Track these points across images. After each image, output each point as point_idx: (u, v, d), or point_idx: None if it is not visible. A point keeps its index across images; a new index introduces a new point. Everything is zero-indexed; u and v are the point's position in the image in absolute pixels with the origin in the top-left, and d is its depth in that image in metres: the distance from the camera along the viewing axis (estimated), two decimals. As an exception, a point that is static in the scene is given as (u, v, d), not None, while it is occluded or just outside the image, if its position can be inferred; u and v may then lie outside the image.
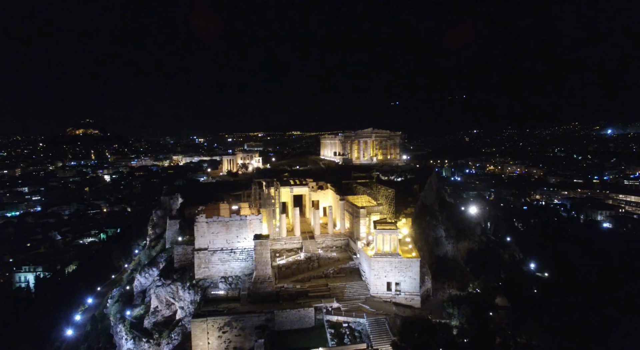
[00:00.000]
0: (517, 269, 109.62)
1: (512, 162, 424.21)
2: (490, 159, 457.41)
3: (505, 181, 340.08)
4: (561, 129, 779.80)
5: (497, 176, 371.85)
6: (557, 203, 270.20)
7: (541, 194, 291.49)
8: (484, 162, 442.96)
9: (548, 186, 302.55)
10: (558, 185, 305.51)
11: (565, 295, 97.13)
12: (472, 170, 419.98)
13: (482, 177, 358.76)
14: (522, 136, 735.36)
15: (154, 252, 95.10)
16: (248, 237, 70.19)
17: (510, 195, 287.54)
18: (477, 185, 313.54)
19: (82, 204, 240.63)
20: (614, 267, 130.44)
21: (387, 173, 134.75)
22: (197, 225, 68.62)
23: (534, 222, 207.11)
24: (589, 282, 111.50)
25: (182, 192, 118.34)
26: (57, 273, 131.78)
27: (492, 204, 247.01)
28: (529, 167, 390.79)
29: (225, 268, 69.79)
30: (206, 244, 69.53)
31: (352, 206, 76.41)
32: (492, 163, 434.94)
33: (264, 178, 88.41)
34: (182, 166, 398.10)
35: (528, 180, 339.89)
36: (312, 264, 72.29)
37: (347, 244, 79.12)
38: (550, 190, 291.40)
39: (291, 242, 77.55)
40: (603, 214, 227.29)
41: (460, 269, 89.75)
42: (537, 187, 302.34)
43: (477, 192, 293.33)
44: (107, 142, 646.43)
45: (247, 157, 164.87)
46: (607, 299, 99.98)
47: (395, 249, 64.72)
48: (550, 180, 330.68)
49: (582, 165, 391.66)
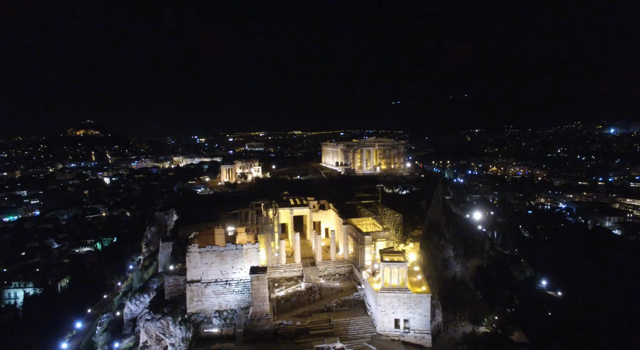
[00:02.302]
0: (529, 289, 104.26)
1: (515, 162, 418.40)
2: (493, 159, 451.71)
3: (509, 183, 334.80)
4: (563, 129, 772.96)
5: (500, 178, 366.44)
6: (562, 207, 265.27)
7: (546, 197, 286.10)
8: (487, 163, 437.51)
9: (552, 189, 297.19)
10: (562, 188, 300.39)
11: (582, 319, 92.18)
12: (474, 171, 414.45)
13: (485, 179, 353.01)
14: (524, 136, 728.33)
15: (147, 274, 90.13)
16: (244, 268, 64.95)
17: (515, 198, 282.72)
18: (481, 188, 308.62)
19: (80, 209, 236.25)
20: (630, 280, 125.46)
21: (391, 185, 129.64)
22: (189, 255, 63.30)
23: (540, 228, 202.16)
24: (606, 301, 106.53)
25: (178, 207, 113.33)
26: (48, 289, 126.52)
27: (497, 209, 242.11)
28: (532, 168, 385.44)
29: (220, 301, 64.52)
30: (199, 276, 64.24)
31: (356, 231, 71.12)
32: (495, 164, 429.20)
33: (261, 198, 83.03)
34: (183, 168, 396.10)
35: (532, 183, 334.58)
36: (313, 296, 66.99)
37: (350, 271, 73.88)
38: (555, 193, 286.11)
39: (291, 270, 72.27)
40: (611, 220, 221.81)
41: (471, 295, 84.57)
42: (541, 189, 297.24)
43: (481, 195, 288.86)
44: (108, 142, 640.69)
45: (247, 166, 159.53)
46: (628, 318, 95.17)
47: (404, 282, 59.43)
48: (555, 182, 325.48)
49: (585, 167, 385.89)
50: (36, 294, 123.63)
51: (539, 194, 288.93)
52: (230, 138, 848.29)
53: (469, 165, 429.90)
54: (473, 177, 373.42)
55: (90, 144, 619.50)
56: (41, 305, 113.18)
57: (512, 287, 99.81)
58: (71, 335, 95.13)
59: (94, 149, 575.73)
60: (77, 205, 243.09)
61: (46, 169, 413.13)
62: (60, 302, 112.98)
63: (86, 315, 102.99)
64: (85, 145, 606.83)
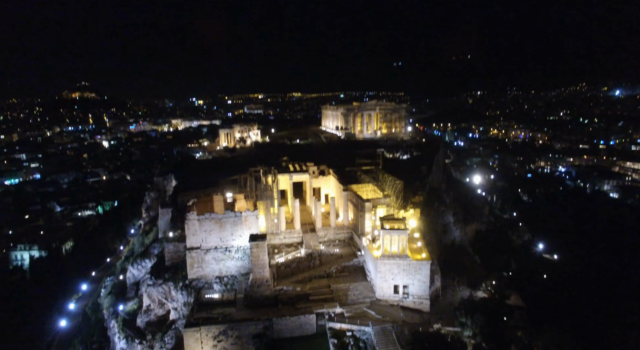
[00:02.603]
0: (526, 253, 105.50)
1: (517, 126, 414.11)
2: (494, 122, 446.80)
3: (510, 147, 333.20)
4: (567, 91, 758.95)
5: (501, 141, 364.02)
6: (562, 170, 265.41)
7: (546, 161, 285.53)
8: (488, 126, 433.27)
9: (553, 153, 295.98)
10: (563, 151, 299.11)
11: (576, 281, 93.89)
12: (475, 134, 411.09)
13: (486, 142, 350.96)
14: (527, 98, 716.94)
15: (147, 239, 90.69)
16: (244, 235, 65.02)
17: (515, 162, 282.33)
18: (481, 152, 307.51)
19: (81, 173, 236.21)
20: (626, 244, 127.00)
21: (392, 149, 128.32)
22: (188, 223, 63.18)
23: (539, 191, 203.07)
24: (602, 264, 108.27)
25: (176, 172, 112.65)
26: (52, 252, 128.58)
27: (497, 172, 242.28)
28: (533, 132, 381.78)
29: (220, 267, 65.11)
30: (198, 243, 64.43)
31: (357, 198, 70.62)
32: (496, 127, 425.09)
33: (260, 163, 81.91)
34: (181, 131, 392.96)
35: (533, 146, 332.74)
36: (313, 262, 67.52)
37: (350, 237, 74.11)
38: (555, 157, 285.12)
39: (291, 237, 72.49)
40: (609, 184, 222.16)
41: (470, 259, 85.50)
42: (542, 153, 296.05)
43: (481, 158, 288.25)
44: (105, 106, 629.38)
45: (245, 131, 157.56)
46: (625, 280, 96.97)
47: (404, 250, 59.59)
48: (556, 146, 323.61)
49: (588, 130, 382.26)
50: (42, 257, 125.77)
51: (539, 158, 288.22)
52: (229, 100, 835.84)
53: (469, 128, 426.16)
54: (474, 141, 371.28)
55: (86, 107, 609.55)
56: (47, 268, 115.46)
57: (510, 251, 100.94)
58: (77, 296, 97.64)
59: (91, 112, 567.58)
60: (77, 169, 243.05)
61: (44, 132, 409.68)
62: (66, 264, 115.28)
63: (91, 278, 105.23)
64: (81, 109, 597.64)
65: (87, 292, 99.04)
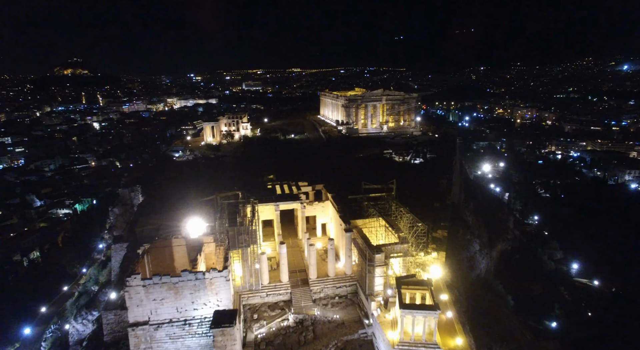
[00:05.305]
0: (562, 281, 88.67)
1: (523, 104, 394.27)
2: (500, 101, 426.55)
3: (518, 129, 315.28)
4: (574, 66, 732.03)
5: (508, 121, 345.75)
6: (574, 156, 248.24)
7: (557, 145, 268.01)
8: (493, 105, 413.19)
9: (564, 136, 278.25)
10: (575, 134, 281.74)
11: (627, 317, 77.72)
12: (480, 114, 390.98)
13: (492, 123, 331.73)
14: (532, 74, 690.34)
15: (102, 276, 73.21)
16: (210, 302, 47.34)
17: (524, 146, 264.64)
18: (488, 135, 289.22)
19: (67, 158, 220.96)
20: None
21: (401, 149, 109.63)
22: (130, 291, 45.08)
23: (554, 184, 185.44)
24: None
25: (145, 183, 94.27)
26: (8, 269, 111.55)
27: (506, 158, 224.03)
28: (540, 111, 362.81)
29: (178, 348, 47.64)
30: (146, 316, 46.66)
31: (363, 241, 52.78)
32: (502, 106, 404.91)
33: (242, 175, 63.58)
34: (176, 111, 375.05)
35: (542, 128, 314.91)
36: (304, 334, 50.10)
37: (354, 292, 56.60)
38: (567, 141, 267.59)
39: (276, 293, 54.87)
40: (631, 174, 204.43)
41: (500, 304, 68.63)
42: (551, 136, 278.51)
43: (489, 142, 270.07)
44: (98, 83, 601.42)
45: (233, 123, 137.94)
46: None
47: (432, 335, 42.20)
48: (565, 127, 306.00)
49: (597, 109, 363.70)
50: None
51: (549, 142, 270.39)
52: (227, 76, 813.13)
53: (474, 107, 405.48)
54: (479, 121, 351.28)
55: (79, 84, 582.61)
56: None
57: (543, 280, 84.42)
58: (15, 347, 79.19)
59: (83, 89, 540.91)
60: (64, 154, 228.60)
61: (33, 112, 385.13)
62: (17, 290, 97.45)
63: (38, 318, 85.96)
64: (74, 86, 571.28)
65: (28, 339, 79.88)
